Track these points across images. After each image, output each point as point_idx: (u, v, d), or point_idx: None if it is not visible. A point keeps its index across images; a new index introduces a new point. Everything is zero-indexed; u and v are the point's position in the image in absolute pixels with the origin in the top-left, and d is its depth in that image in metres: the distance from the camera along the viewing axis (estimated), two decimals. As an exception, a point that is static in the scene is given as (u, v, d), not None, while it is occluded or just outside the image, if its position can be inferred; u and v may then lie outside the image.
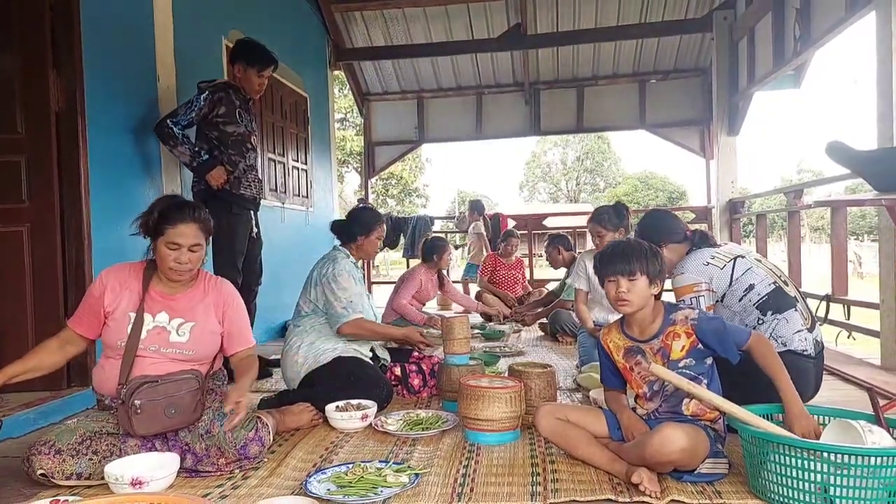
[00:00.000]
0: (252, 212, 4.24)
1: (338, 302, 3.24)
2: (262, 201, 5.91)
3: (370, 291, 8.67)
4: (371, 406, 2.93)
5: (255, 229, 4.27)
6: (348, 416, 2.85)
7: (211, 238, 2.52)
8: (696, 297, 2.67)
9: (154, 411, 2.28)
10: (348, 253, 3.48)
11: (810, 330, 2.60)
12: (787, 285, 2.69)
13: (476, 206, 9.21)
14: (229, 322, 2.57)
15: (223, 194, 3.93)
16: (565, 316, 5.28)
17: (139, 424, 2.27)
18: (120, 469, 2.13)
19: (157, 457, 2.26)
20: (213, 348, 2.55)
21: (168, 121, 3.82)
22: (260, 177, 4.33)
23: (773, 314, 2.58)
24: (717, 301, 2.71)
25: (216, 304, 2.55)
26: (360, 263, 3.58)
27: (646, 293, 2.22)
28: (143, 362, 2.38)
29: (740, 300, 2.65)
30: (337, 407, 2.91)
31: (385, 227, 3.61)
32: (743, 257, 2.75)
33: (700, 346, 2.18)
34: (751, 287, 2.64)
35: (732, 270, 2.69)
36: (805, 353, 2.53)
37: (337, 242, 3.58)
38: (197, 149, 3.88)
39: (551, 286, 7.05)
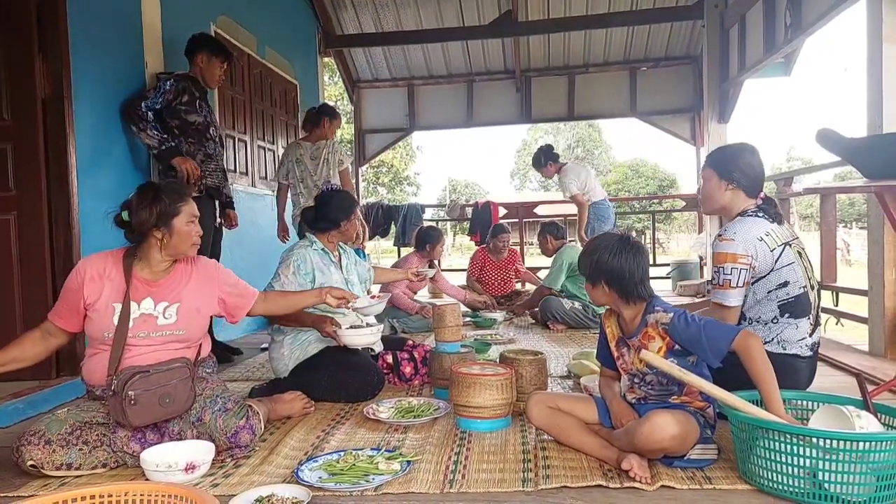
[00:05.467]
0: (217, 201, 4.28)
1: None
2: (252, 189, 5.91)
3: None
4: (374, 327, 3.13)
5: (218, 220, 4.32)
6: (360, 332, 3.05)
7: None
8: (735, 268, 2.47)
9: (149, 402, 2.24)
10: (313, 241, 3.35)
11: (811, 334, 2.56)
12: (813, 289, 2.58)
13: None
14: (230, 291, 2.61)
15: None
16: (556, 304, 5.28)
17: (134, 416, 2.22)
18: (173, 456, 2.13)
19: (192, 444, 2.25)
20: (201, 326, 2.54)
21: (142, 103, 3.84)
22: (224, 167, 4.36)
23: (789, 317, 2.51)
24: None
25: (207, 285, 2.55)
26: (335, 250, 3.43)
27: (602, 299, 2.30)
28: (132, 352, 2.34)
29: (769, 292, 2.52)
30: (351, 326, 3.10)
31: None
32: (790, 245, 2.54)
33: (678, 346, 2.16)
34: (785, 283, 2.50)
35: (779, 258, 2.50)
36: (800, 356, 2.53)
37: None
38: (166, 135, 3.91)
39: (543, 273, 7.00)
